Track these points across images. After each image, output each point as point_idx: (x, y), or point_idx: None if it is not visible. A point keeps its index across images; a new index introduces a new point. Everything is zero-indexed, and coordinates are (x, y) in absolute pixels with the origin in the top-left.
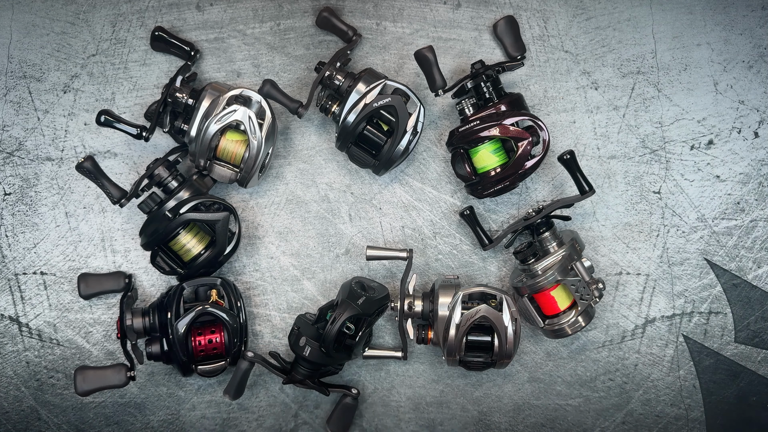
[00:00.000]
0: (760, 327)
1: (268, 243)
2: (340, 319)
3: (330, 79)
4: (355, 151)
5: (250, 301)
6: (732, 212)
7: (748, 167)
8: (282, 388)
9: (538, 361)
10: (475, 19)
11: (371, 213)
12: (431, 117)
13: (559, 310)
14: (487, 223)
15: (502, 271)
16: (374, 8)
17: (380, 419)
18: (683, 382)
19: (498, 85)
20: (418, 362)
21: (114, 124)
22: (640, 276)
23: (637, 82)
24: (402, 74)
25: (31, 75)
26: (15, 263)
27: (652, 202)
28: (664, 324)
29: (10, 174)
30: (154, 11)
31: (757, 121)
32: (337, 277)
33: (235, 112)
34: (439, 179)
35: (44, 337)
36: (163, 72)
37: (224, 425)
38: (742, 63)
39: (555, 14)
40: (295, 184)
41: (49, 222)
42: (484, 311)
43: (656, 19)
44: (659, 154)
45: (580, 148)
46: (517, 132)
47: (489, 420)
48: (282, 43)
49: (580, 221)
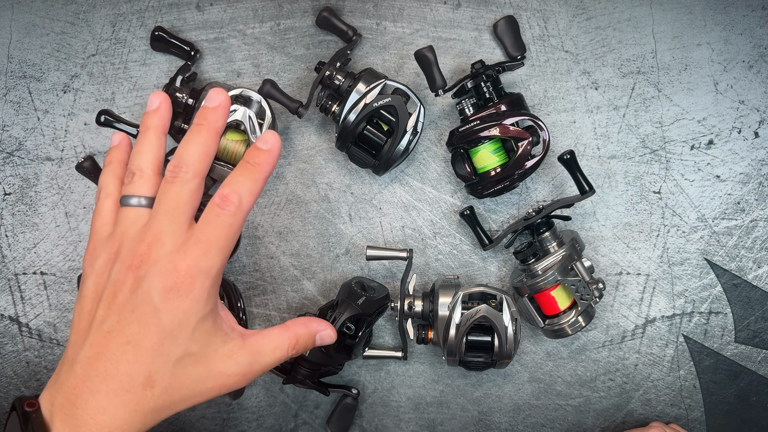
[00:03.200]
0: (760, 327)
1: (268, 243)
2: (340, 319)
3: (330, 79)
4: (355, 151)
5: (250, 301)
6: (732, 212)
7: (748, 167)
8: (282, 388)
9: (538, 361)
10: (475, 19)
11: (371, 213)
12: (431, 117)
13: (559, 310)
14: (487, 223)
15: (502, 271)
16: (374, 8)
17: (380, 419)
18: (683, 382)
19: (498, 85)
20: (418, 362)
21: (114, 124)
22: (640, 276)
23: (637, 82)
24: (402, 74)
25: (31, 75)
26: (15, 263)
27: (652, 202)
28: (664, 324)
29: (10, 174)
30: (154, 11)
31: (757, 121)
32: (337, 277)
33: (235, 112)
34: (439, 179)
35: (44, 337)
36: (163, 72)
37: (224, 425)
38: (742, 63)
39: (555, 14)
40: (295, 184)
41: (49, 222)
42: (484, 311)
43: (656, 19)
44: (659, 154)
45: (580, 148)
46: (517, 132)
47: (489, 420)
48: (282, 43)
49: (580, 221)
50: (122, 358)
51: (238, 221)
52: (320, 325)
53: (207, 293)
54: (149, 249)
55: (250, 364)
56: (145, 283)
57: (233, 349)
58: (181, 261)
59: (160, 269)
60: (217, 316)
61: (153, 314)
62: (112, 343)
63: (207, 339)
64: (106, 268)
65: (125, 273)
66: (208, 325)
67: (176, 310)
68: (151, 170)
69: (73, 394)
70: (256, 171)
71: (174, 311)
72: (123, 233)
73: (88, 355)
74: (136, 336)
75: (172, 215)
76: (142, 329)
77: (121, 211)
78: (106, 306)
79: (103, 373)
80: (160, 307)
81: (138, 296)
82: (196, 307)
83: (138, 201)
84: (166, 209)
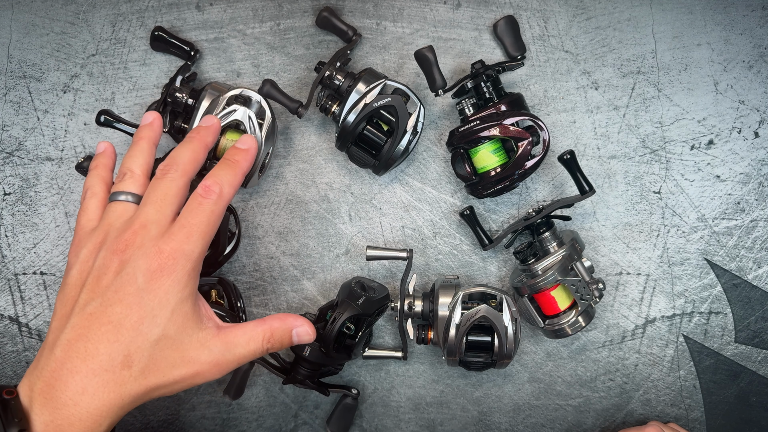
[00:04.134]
0: (760, 327)
1: (268, 243)
2: (340, 319)
3: (330, 79)
4: (355, 151)
5: (250, 301)
6: (732, 212)
7: (749, 167)
8: (282, 388)
9: (538, 361)
10: (475, 19)
11: (371, 213)
12: (431, 117)
13: (559, 310)
14: (487, 223)
15: (502, 271)
16: (374, 8)
17: (380, 419)
18: (683, 382)
19: (498, 85)
20: (418, 362)
21: (114, 124)
22: (640, 276)
23: (637, 82)
24: (402, 74)
25: (31, 75)
26: (15, 263)
27: (652, 202)
28: (665, 324)
29: (10, 174)
30: (154, 11)
31: (757, 121)
32: (337, 277)
33: (235, 112)
34: (439, 179)
35: (44, 337)
36: (163, 72)
37: (224, 425)
38: (742, 63)
39: (555, 14)
40: (295, 184)
41: (48, 222)
42: (484, 311)
43: (656, 19)
44: (659, 154)
45: (580, 148)
46: (517, 132)
47: (489, 420)
48: (282, 43)
49: (580, 221)
50: (103, 338)
51: (219, 209)
52: (297, 321)
53: (188, 275)
54: (135, 235)
55: (222, 353)
56: (130, 266)
57: (207, 336)
58: (165, 244)
59: (146, 252)
60: (195, 303)
61: (136, 294)
62: (94, 324)
63: (184, 323)
64: (90, 257)
65: (110, 257)
66: (187, 308)
67: (158, 289)
68: (140, 171)
69: (53, 377)
70: (236, 166)
71: (156, 290)
72: (110, 224)
73: (69, 338)
74: (118, 316)
75: (159, 205)
76: (124, 309)
77: (109, 206)
78: (90, 290)
79: (83, 353)
80: (144, 287)
81: (123, 277)
82: (176, 287)
83: (126, 197)
84: (154, 200)
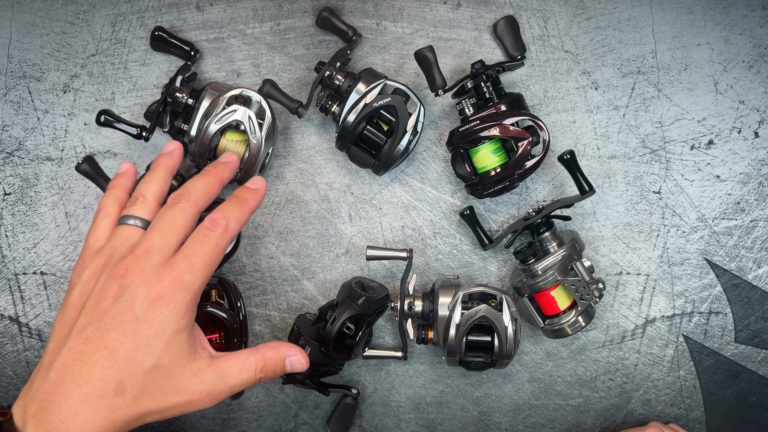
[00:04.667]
0: (760, 327)
1: (268, 243)
2: (340, 319)
3: (330, 79)
4: (355, 151)
5: (250, 301)
6: (732, 212)
7: (748, 167)
8: (282, 388)
9: (538, 361)
10: (475, 19)
11: (371, 213)
12: (431, 117)
13: (559, 310)
14: (487, 223)
15: (502, 271)
16: (374, 8)
17: (380, 419)
18: (683, 382)
19: (498, 85)
20: (418, 362)
21: (114, 124)
22: (640, 276)
23: (637, 82)
24: (402, 74)
25: (31, 75)
26: (15, 263)
27: (652, 202)
28: (664, 324)
29: (10, 174)
30: (154, 11)
31: (757, 121)
32: (337, 277)
33: (235, 112)
34: (439, 179)
35: (44, 337)
36: (163, 72)
37: (224, 425)
38: (742, 63)
39: (555, 14)
40: (295, 184)
41: (48, 222)
42: (484, 311)
43: (656, 19)
44: (659, 154)
45: (580, 148)
46: (517, 132)
47: (489, 420)
48: (282, 43)
49: (580, 221)
50: (98, 364)
51: (224, 242)
52: (291, 350)
53: (186, 307)
54: (136, 261)
55: (215, 383)
56: (129, 292)
57: (200, 367)
58: (166, 273)
59: (145, 279)
60: (191, 334)
61: (133, 321)
62: (90, 349)
63: (178, 353)
64: (92, 279)
65: (111, 282)
66: (182, 339)
67: (154, 319)
68: (153, 198)
69: (47, 400)
70: (244, 203)
71: (152, 320)
72: (114, 248)
73: (64, 361)
74: (114, 342)
75: (164, 233)
76: (120, 336)
77: (117, 229)
78: (89, 313)
79: (78, 378)
80: (141, 316)
81: (121, 303)
82: (173, 318)
83: (135, 221)
84: (161, 227)
